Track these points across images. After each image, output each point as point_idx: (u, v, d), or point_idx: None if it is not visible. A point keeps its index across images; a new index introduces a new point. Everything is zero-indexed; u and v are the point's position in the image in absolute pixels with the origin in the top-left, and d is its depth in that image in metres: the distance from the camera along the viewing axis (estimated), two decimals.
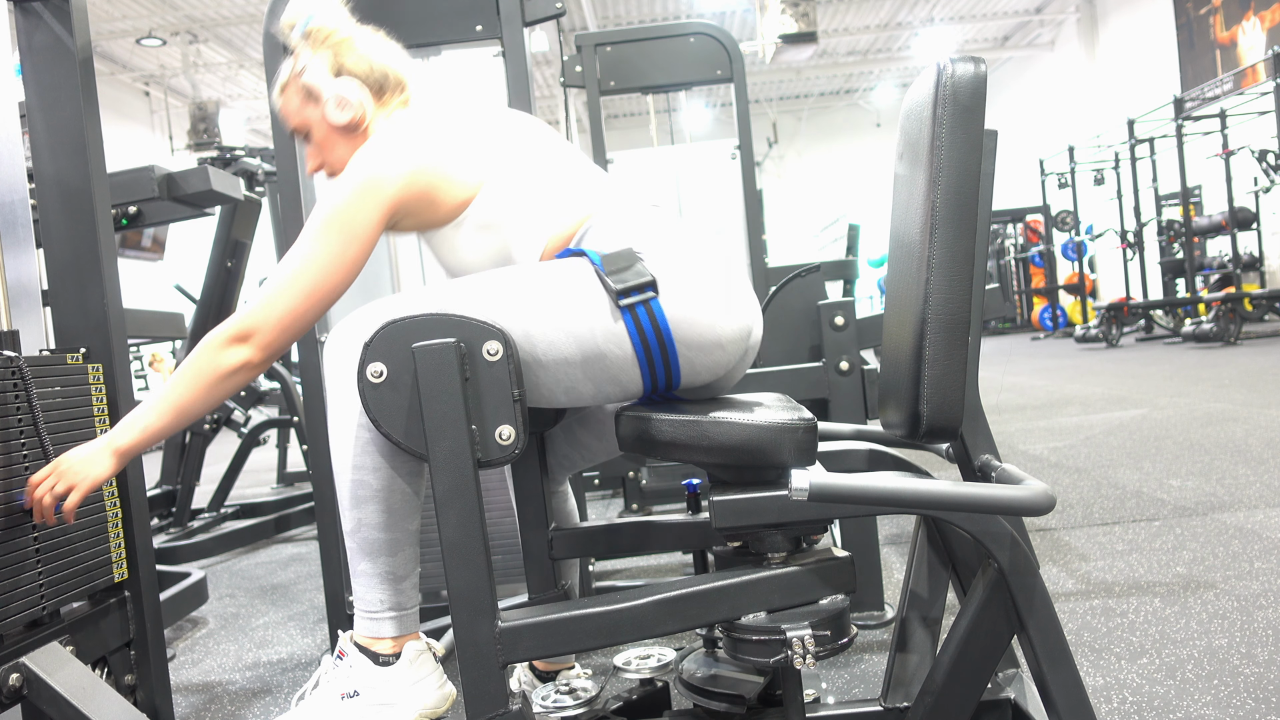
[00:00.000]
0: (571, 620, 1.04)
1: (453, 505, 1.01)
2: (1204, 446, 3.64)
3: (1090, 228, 12.50)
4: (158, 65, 13.23)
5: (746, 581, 1.07)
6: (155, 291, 4.68)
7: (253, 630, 2.50)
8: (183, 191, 2.41)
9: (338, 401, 1.14)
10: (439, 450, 1.01)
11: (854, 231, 5.38)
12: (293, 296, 1.16)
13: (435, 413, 1.01)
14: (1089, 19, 14.04)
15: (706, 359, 1.16)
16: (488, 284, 1.15)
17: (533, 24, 2.02)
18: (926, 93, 1.01)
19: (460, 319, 1.04)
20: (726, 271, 1.20)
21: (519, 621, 1.02)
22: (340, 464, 1.15)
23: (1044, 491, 0.93)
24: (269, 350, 1.16)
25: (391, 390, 1.03)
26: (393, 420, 1.03)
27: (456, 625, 1.01)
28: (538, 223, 1.26)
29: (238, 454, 4.12)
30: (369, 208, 1.20)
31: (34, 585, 1.22)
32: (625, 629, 1.04)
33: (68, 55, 1.38)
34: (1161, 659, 1.68)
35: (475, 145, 1.29)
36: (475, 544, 1.01)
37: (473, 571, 1.01)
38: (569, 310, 1.12)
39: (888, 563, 2.44)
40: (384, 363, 1.02)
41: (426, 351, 1.00)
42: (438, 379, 1.00)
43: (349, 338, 1.13)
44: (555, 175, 1.29)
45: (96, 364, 1.39)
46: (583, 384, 1.15)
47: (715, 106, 17.22)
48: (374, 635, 1.16)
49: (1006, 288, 14.16)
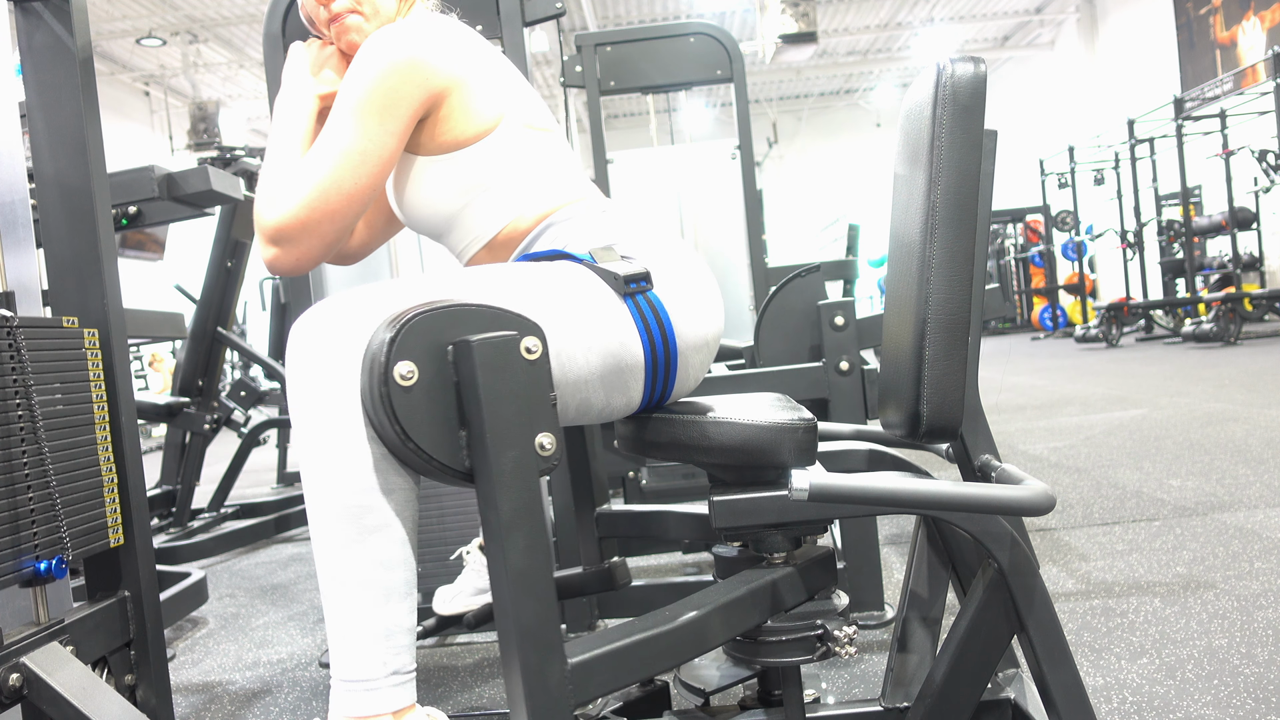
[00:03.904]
0: (639, 645, 0.93)
1: (521, 528, 0.85)
2: (1204, 446, 3.64)
3: (1090, 228, 12.50)
4: (158, 65, 13.23)
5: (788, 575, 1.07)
6: (155, 291, 4.68)
7: (253, 630, 2.50)
8: (183, 191, 2.40)
9: (323, 411, 0.91)
10: (504, 464, 0.84)
11: (854, 231, 5.39)
12: (328, 193, 1.07)
13: (499, 420, 0.85)
14: (1089, 19, 14.04)
15: (697, 359, 1.15)
16: (495, 278, 1.04)
17: (533, 24, 2.02)
18: (926, 93, 1.01)
19: (497, 311, 0.90)
20: (703, 269, 1.19)
21: (588, 655, 0.89)
22: (333, 489, 0.91)
23: (1044, 491, 0.93)
24: (301, 262, 1.10)
25: (425, 395, 0.86)
26: (426, 431, 0.87)
27: (524, 669, 0.85)
28: (518, 196, 1.19)
29: (238, 454, 4.12)
30: (411, 87, 1.10)
31: (29, 546, 1.21)
32: (689, 646, 0.97)
33: (68, 55, 1.38)
34: (1161, 659, 1.68)
35: (499, 78, 1.21)
36: (544, 571, 0.86)
37: (543, 604, 0.86)
38: (589, 314, 1.05)
39: (888, 563, 2.44)
40: (415, 362, 0.86)
41: (486, 347, 0.85)
42: (500, 379, 0.85)
43: (334, 331, 0.92)
44: (552, 152, 1.24)
45: (92, 329, 1.38)
46: (596, 395, 1.07)
47: (715, 106, 17.22)
48: (373, 713, 0.92)
49: (1006, 288, 14.15)
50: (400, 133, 1.12)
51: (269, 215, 1.10)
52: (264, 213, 1.11)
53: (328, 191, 1.09)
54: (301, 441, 0.93)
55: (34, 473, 1.23)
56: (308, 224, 1.09)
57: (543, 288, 1.05)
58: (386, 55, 1.11)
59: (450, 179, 1.19)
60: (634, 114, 17.16)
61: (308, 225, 1.09)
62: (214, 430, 3.67)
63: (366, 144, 1.09)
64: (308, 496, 0.94)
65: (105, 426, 1.38)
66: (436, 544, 2.07)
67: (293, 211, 1.09)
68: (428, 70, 1.12)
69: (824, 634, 1.05)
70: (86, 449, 1.33)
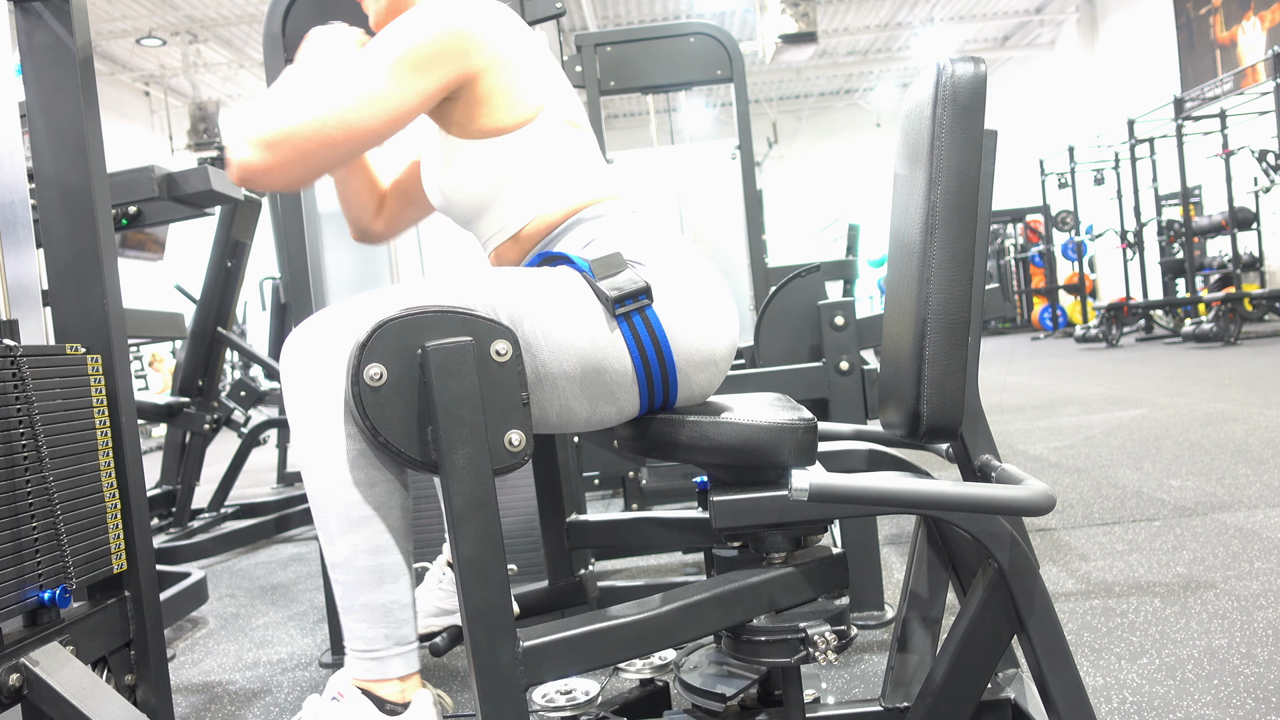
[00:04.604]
0: (595, 634, 0.97)
1: (471, 519, 0.92)
2: (1204, 446, 3.64)
3: (1090, 228, 12.50)
4: (158, 65, 13.23)
5: (770, 579, 1.06)
6: (155, 291, 4.68)
7: (253, 630, 2.50)
8: (183, 191, 2.40)
9: (312, 413, 0.99)
10: (455, 459, 0.91)
11: (854, 231, 5.39)
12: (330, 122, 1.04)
13: (451, 418, 0.91)
14: (1089, 19, 14.04)
15: (702, 376, 1.13)
16: (478, 283, 1.06)
17: (533, 24, 2.01)
18: (926, 93, 1.01)
19: (466, 315, 0.95)
20: (718, 283, 1.17)
21: (542, 640, 0.95)
22: (323, 485, 1.00)
23: (1044, 491, 0.93)
24: (269, 177, 1.05)
25: (393, 394, 0.93)
26: (395, 428, 0.94)
27: (475, 648, 0.93)
28: (551, 189, 1.18)
29: (238, 454, 4.12)
30: (450, 56, 1.08)
31: (33, 575, 1.22)
32: (651, 639, 0.99)
33: (68, 55, 1.38)
34: (1161, 659, 1.68)
35: (542, 69, 1.19)
36: (496, 559, 0.93)
37: (493, 590, 0.92)
38: (568, 320, 1.05)
39: (888, 563, 2.44)
40: (383, 364, 0.93)
41: (441, 351, 0.91)
42: (453, 381, 0.91)
43: (320, 339, 1.00)
44: (586, 150, 1.22)
45: (95, 355, 1.39)
46: (578, 402, 1.07)
47: (715, 106, 17.22)
48: (379, 677, 1.01)
49: (1006, 288, 14.16)
50: (425, 94, 1.09)
51: (265, 119, 1.06)
52: (261, 116, 1.06)
53: (329, 120, 1.05)
54: (296, 440, 1.01)
55: (38, 502, 1.23)
56: (298, 142, 1.05)
57: (523, 292, 1.06)
58: (436, 17, 1.09)
59: (488, 165, 1.18)
60: (634, 114, 17.16)
61: (298, 143, 1.05)
62: (214, 430, 3.67)
63: (388, 90, 1.06)
64: (308, 490, 1.02)
65: (108, 452, 1.38)
66: (436, 544, 2.07)
67: (292, 125, 1.05)
68: (471, 44, 1.10)
69: (805, 637, 1.04)
70: (90, 475, 1.33)
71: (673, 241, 1.18)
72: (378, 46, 1.08)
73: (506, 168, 1.18)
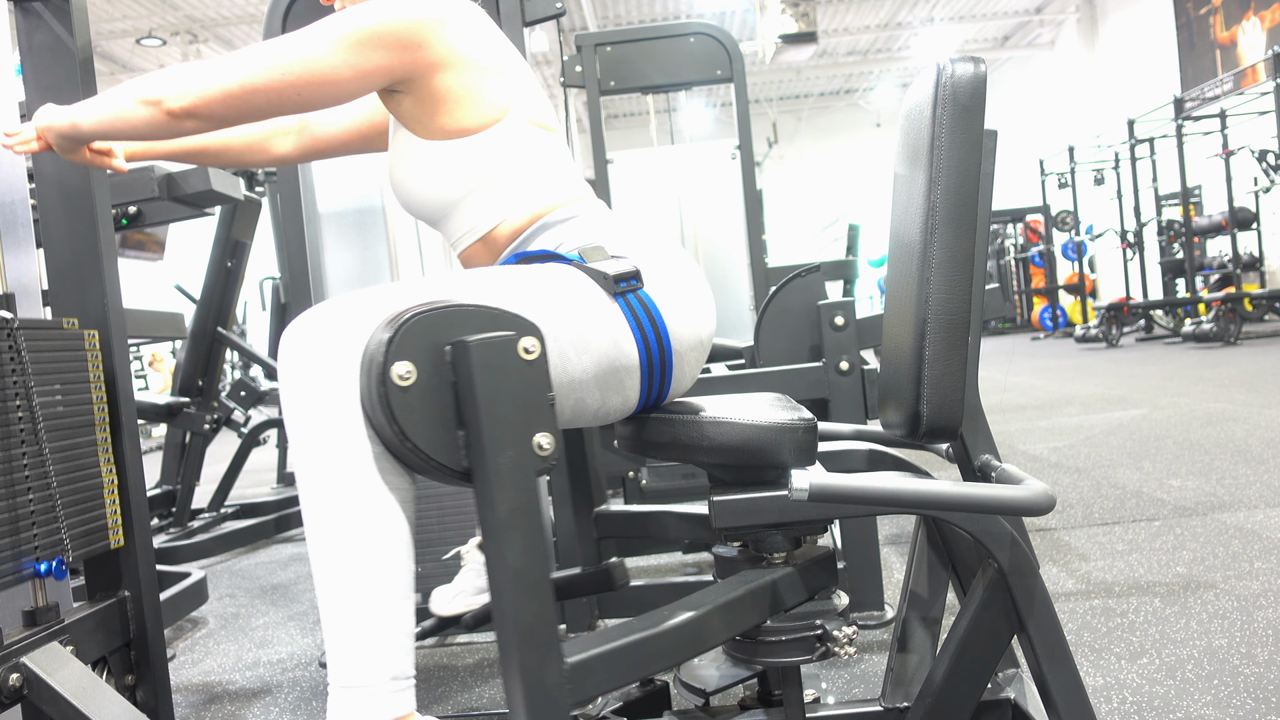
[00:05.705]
0: (636, 645, 0.92)
1: (519, 527, 0.84)
2: (1204, 446, 3.64)
3: (1090, 228, 12.50)
4: (158, 65, 13.22)
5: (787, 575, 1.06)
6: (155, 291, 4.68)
7: (253, 630, 2.50)
8: (183, 191, 2.41)
9: (319, 414, 0.90)
10: (500, 464, 0.84)
11: (854, 231, 5.39)
12: (257, 64, 1.04)
13: (495, 419, 0.84)
14: (1089, 19, 14.04)
15: (692, 357, 1.15)
16: (486, 281, 1.03)
17: (533, 24, 2.02)
18: (926, 93, 1.01)
19: (495, 311, 0.90)
20: (696, 270, 1.19)
21: (586, 654, 0.89)
22: (326, 489, 0.90)
23: (1044, 491, 0.93)
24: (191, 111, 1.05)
25: (423, 395, 0.86)
26: (424, 431, 0.86)
27: (522, 668, 0.84)
28: (518, 191, 1.19)
29: (238, 454, 4.12)
30: (396, 46, 1.07)
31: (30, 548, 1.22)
32: (687, 646, 0.96)
33: (68, 55, 1.38)
34: (1161, 659, 1.68)
35: (509, 71, 1.19)
36: (542, 571, 0.86)
37: (541, 604, 0.85)
38: (579, 314, 1.05)
39: (888, 563, 2.44)
40: (414, 362, 0.85)
41: (484, 347, 0.84)
42: (498, 379, 0.84)
43: (328, 334, 0.92)
44: (554, 152, 1.23)
45: (92, 331, 1.38)
46: (591, 395, 1.06)
47: (715, 106, 17.21)
48: (373, 718, 0.89)
49: (1006, 288, 14.16)
50: (359, 71, 1.08)
51: (195, 79, 1.06)
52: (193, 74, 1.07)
53: (258, 64, 1.06)
54: (297, 442, 0.92)
55: (34, 474, 1.23)
56: (225, 74, 1.06)
57: (538, 289, 1.04)
58: (397, 5, 1.09)
59: (453, 166, 1.17)
60: (634, 114, 17.15)
61: (224, 75, 1.06)
62: (214, 430, 3.67)
63: (323, 55, 1.06)
64: (303, 497, 0.92)
65: (105, 428, 1.38)
66: (436, 544, 2.07)
67: (227, 62, 1.05)
68: (425, 39, 1.10)
69: (824, 634, 1.05)
70: (87, 450, 1.33)
71: (647, 233, 1.20)
72: (331, 18, 1.09)
73: (471, 169, 1.17)
